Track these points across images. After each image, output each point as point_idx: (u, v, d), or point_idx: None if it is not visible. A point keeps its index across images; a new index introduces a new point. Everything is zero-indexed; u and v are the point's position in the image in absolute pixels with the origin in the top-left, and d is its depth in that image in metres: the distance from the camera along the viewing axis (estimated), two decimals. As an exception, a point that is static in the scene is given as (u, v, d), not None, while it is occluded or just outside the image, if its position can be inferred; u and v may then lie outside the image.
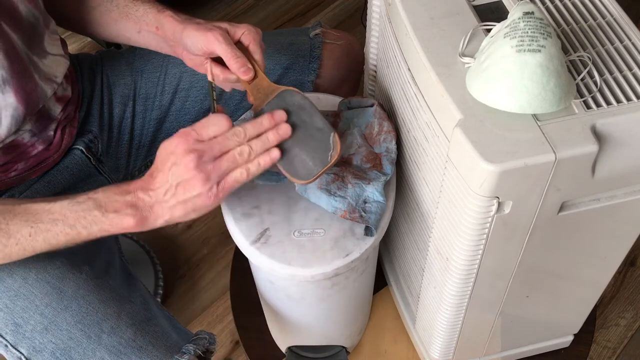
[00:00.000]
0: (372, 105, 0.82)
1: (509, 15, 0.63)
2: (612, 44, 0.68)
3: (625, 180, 0.67)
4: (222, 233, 1.48)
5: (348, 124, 0.82)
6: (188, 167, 0.65)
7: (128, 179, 1.00)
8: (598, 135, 0.61)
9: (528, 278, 0.78)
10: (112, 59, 0.98)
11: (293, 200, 0.78)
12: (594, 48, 0.68)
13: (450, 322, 0.85)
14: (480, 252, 0.70)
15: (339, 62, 1.01)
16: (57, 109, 0.85)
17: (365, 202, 0.74)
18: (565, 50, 0.68)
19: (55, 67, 0.83)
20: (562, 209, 0.67)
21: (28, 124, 0.81)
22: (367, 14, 0.87)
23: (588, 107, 0.63)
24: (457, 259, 0.72)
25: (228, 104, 0.98)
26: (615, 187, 0.67)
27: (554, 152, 0.59)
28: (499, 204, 0.63)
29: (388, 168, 0.77)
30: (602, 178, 0.64)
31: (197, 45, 0.76)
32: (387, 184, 0.77)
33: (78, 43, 1.85)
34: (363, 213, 0.74)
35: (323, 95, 0.90)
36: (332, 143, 0.71)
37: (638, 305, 1.36)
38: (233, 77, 0.77)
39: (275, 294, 0.88)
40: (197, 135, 0.67)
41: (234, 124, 0.69)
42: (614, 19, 0.70)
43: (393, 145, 0.79)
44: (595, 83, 0.64)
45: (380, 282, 1.10)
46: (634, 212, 0.72)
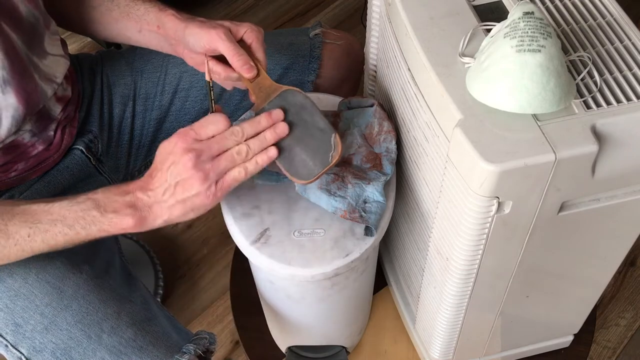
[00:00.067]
0: (372, 105, 0.82)
1: (509, 15, 0.63)
2: (612, 44, 0.68)
3: (625, 180, 0.67)
4: (222, 233, 1.48)
5: (348, 124, 0.82)
6: (186, 166, 0.65)
7: (128, 179, 1.00)
8: (598, 135, 0.61)
9: (528, 278, 0.78)
10: (112, 59, 0.98)
11: (293, 200, 0.78)
12: (594, 48, 0.68)
13: (450, 322, 0.85)
14: (480, 252, 0.70)
15: (339, 62, 1.01)
16: (57, 109, 0.85)
17: (365, 202, 0.74)
18: (565, 50, 0.68)
19: (56, 67, 0.83)
20: (562, 209, 0.67)
21: (28, 124, 0.81)
22: (367, 14, 0.87)
23: (588, 107, 0.63)
24: (457, 259, 0.72)
25: (228, 104, 0.98)
26: (615, 187, 0.67)
27: (554, 152, 0.59)
28: (499, 204, 0.63)
29: (388, 168, 0.77)
30: (602, 178, 0.64)
31: (199, 43, 0.76)
32: (387, 184, 0.77)
33: (78, 43, 1.84)
34: (363, 213, 0.74)
35: (323, 95, 0.90)
36: (333, 144, 0.71)
37: (638, 305, 1.36)
38: (234, 75, 0.77)
39: (275, 294, 0.88)
40: (195, 135, 0.67)
41: (234, 123, 0.69)
42: (614, 19, 0.70)
43: (393, 145, 0.79)
44: (595, 83, 0.64)
45: (380, 282, 1.10)
46: (634, 212, 0.72)
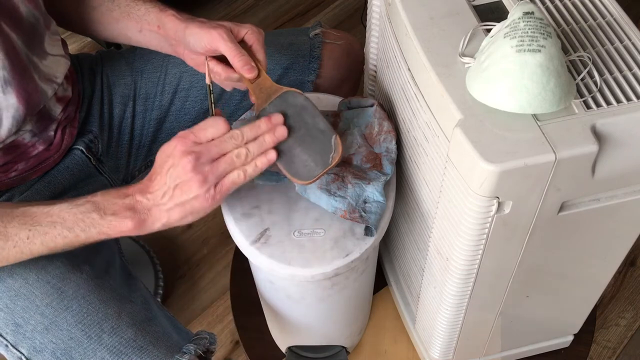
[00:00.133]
0: (372, 105, 0.82)
1: (509, 15, 0.63)
2: (612, 44, 0.68)
3: (625, 180, 0.67)
4: (222, 233, 1.48)
5: (348, 124, 0.82)
6: (185, 168, 0.65)
7: (128, 179, 1.01)
8: (598, 135, 0.61)
9: (528, 278, 0.78)
10: (112, 59, 0.98)
11: (293, 200, 0.78)
12: (594, 48, 0.68)
13: (450, 322, 0.85)
14: (480, 252, 0.70)
15: (339, 62, 1.01)
16: (57, 110, 0.85)
17: (365, 202, 0.74)
18: (565, 50, 0.68)
19: (56, 67, 0.83)
20: (562, 209, 0.67)
21: (29, 125, 0.81)
22: (367, 14, 0.87)
23: (588, 107, 0.63)
24: (457, 259, 0.72)
25: (228, 104, 0.98)
26: (615, 187, 0.67)
27: (554, 152, 0.59)
28: (499, 204, 0.63)
29: (388, 168, 0.77)
30: (602, 178, 0.64)
31: (200, 43, 0.76)
32: (387, 184, 0.77)
33: (78, 43, 1.84)
34: (363, 213, 0.74)
35: (323, 95, 0.90)
36: (333, 145, 0.71)
37: (638, 305, 1.36)
38: (235, 75, 0.77)
39: (275, 294, 0.88)
40: (195, 138, 0.66)
41: (233, 125, 0.69)
42: (614, 19, 0.70)
43: (393, 145, 0.79)
44: (595, 83, 0.64)
45: (380, 282, 1.10)
46: (634, 212, 0.72)
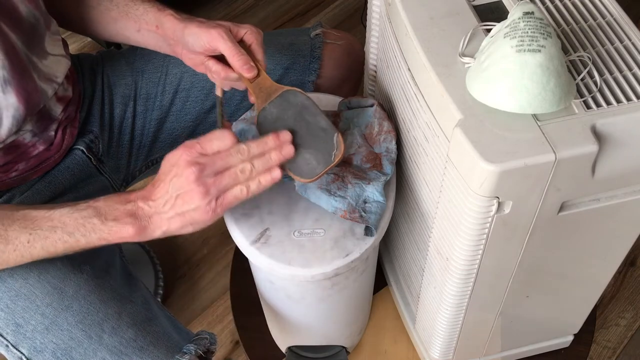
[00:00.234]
0: (372, 105, 0.82)
1: (509, 15, 0.63)
2: (612, 44, 0.68)
3: (625, 180, 0.67)
4: (222, 233, 1.48)
5: (348, 124, 0.82)
6: (189, 179, 0.65)
7: (129, 179, 1.01)
8: (598, 135, 0.61)
9: (528, 278, 0.78)
10: (112, 59, 0.98)
11: (293, 200, 0.78)
12: (594, 48, 0.68)
13: (450, 322, 0.85)
14: (480, 252, 0.70)
15: (340, 62, 1.01)
16: (58, 109, 0.85)
17: (365, 202, 0.74)
18: (565, 50, 0.68)
19: (56, 67, 0.83)
20: (562, 209, 0.67)
21: (29, 124, 0.81)
22: (367, 14, 0.87)
23: (588, 107, 0.63)
24: (457, 259, 0.72)
25: (228, 104, 0.98)
26: (615, 187, 0.67)
27: (554, 152, 0.59)
28: (499, 204, 0.63)
29: (388, 168, 0.77)
30: (602, 178, 0.64)
31: (199, 43, 0.76)
32: (387, 184, 0.77)
33: (78, 43, 1.84)
34: (363, 213, 0.74)
35: (323, 95, 0.90)
36: (335, 143, 0.71)
37: (638, 305, 1.36)
38: (233, 75, 0.77)
39: (275, 294, 0.88)
40: (201, 149, 0.66)
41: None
42: (614, 19, 0.70)
43: (393, 145, 0.79)
44: (595, 83, 0.64)
45: (380, 282, 1.10)
46: (634, 212, 0.72)
